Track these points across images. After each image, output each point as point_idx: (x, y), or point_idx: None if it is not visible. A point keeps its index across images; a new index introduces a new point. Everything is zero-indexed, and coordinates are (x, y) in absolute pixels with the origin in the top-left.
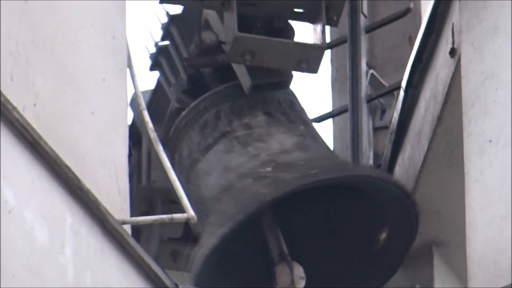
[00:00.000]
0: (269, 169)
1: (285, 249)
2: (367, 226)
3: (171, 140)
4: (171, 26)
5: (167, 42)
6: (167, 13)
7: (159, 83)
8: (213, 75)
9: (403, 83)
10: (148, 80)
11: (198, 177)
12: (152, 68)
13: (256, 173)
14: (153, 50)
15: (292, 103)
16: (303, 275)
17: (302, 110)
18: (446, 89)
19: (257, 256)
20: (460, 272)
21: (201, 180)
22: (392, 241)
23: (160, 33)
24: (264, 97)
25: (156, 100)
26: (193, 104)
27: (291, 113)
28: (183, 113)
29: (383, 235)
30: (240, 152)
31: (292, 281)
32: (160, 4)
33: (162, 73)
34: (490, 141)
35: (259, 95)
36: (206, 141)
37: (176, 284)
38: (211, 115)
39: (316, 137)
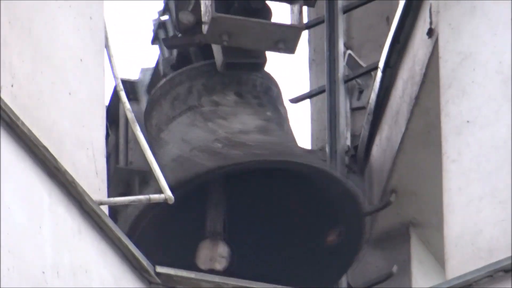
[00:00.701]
0: (220, 145)
1: (220, 228)
2: (317, 223)
3: (147, 109)
4: (170, 1)
5: (166, 17)
6: None
7: (158, 59)
8: (198, 52)
9: (381, 64)
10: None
11: (159, 146)
12: (152, 42)
13: (207, 147)
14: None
15: (268, 88)
16: (225, 254)
17: (278, 96)
18: (423, 69)
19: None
20: (437, 253)
21: (161, 149)
22: (342, 240)
23: (161, 7)
24: (239, 78)
25: (157, 75)
26: (169, 76)
27: (264, 97)
28: (159, 84)
29: (333, 235)
30: (200, 126)
31: (212, 258)
32: None
33: (160, 47)
34: (467, 121)
35: (235, 76)
36: (173, 112)
37: (153, 265)
38: (184, 89)
39: (282, 125)
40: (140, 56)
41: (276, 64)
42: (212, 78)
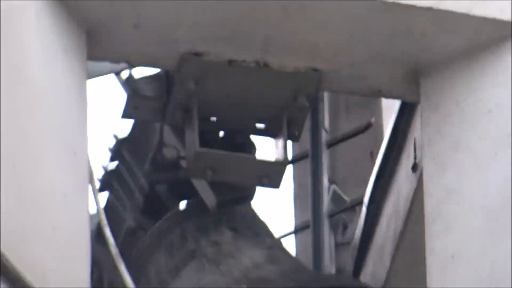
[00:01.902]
0: (244, 286)
1: None
2: None
3: (135, 261)
4: (121, 148)
5: (115, 163)
6: (115, 136)
7: (108, 203)
8: (170, 193)
9: (365, 199)
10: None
11: None
12: (102, 189)
13: None
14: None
15: (254, 216)
16: None
17: (263, 222)
18: (408, 204)
19: None
20: None
21: None
22: None
23: (108, 155)
24: (228, 212)
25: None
26: (157, 224)
27: (255, 226)
28: (148, 233)
29: None
30: (211, 270)
31: None
32: (110, 126)
33: (114, 193)
34: (452, 257)
35: (222, 211)
36: (174, 261)
37: None
38: (177, 235)
39: (283, 249)
40: None
41: (261, 199)
42: (202, 218)
